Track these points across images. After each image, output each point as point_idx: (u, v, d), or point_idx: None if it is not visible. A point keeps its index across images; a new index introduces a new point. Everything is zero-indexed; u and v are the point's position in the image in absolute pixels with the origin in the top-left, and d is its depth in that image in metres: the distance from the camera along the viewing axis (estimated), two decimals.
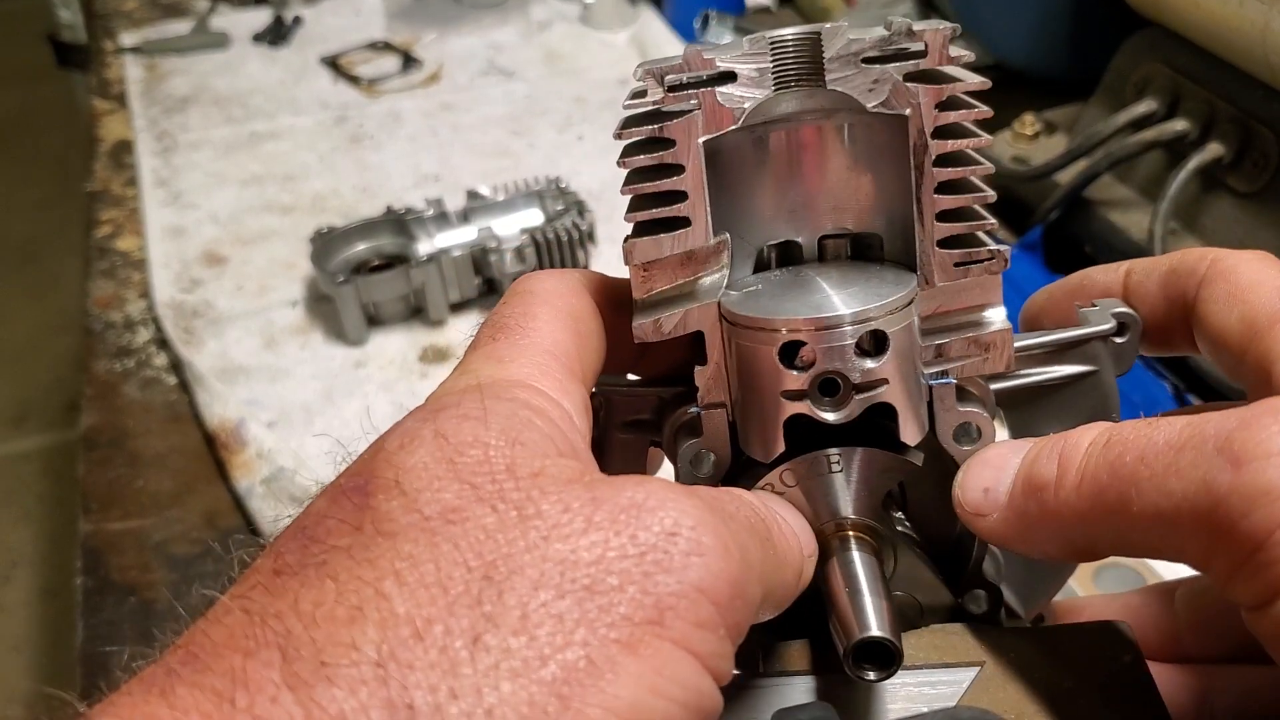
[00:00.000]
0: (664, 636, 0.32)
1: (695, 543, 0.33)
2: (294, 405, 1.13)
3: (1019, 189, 1.26)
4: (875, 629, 0.41)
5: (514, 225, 1.24)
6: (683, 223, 0.43)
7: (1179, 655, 0.52)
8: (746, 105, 0.43)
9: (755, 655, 0.47)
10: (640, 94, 0.42)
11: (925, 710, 0.43)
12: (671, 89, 0.42)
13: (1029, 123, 1.29)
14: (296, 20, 1.88)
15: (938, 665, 0.44)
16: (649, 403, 0.48)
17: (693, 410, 0.46)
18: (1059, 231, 1.20)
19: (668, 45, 1.69)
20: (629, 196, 0.44)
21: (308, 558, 0.33)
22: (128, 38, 1.85)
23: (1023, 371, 0.48)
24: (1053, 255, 1.19)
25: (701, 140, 0.42)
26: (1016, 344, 0.47)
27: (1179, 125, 1.10)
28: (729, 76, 0.42)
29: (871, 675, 0.41)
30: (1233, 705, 0.49)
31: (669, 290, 0.44)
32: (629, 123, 0.43)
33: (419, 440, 0.35)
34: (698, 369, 0.45)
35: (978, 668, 0.44)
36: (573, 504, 0.34)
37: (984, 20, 1.35)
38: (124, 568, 0.99)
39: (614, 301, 0.46)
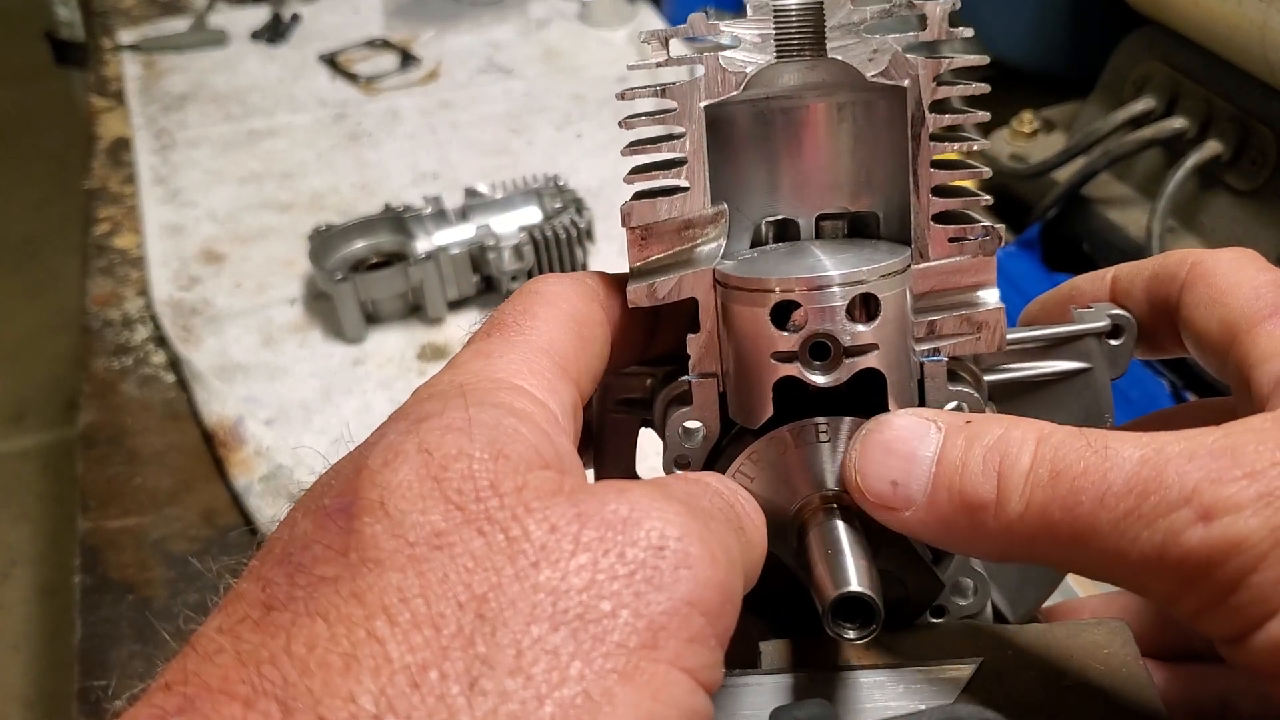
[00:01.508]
0: (659, 659, 0.32)
1: (683, 554, 0.33)
2: (292, 403, 1.13)
3: (1017, 187, 1.26)
4: (855, 584, 0.40)
5: (512, 223, 1.24)
6: (681, 188, 0.44)
7: (1187, 653, 0.51)
8: (749, 70, 0.43)
9: (756, 654, 0.47)
10: (645, 58, 0.43)
11: (924, 708, 0.43)
12: (674, 53, 0.43)
13: (1027, 120, 1.29)
14: (295, 18, 1.88)
15: (937, 662, 0.44)
16: (640, 382, 0.48)
17: (684, 380, 0.46)
18: (1057, 229, 1.20)
19: None
20: (631, 161, 0.45)
21: (295, 589, 0.33)
22: (126, 35, 1.85)
23: (1015, 365, 0.49)
24: (1051, 253, 1.19)
25: (703, 105, 0.43)
26: (1010, 336, 0.47)
27: (1177, 123, 1.10)
28: (733, 42, 0.43)
29: (851, 634, 0.41)
30: (1256, 707, 0.49)
31: (665, 257, 0.44)
32: (633, 86, 0.43)
33: (403, 456, 0.35)
34: (690, 337, 0.45)
35: (976, 665, 0.44)
36: (559, 523, 0.33)
37: (983, 18, 1.35)
38: (122, 565, 0.99)
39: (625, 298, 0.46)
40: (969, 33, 0.43)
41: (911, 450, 0.41)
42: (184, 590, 0.96)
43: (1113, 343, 0.49)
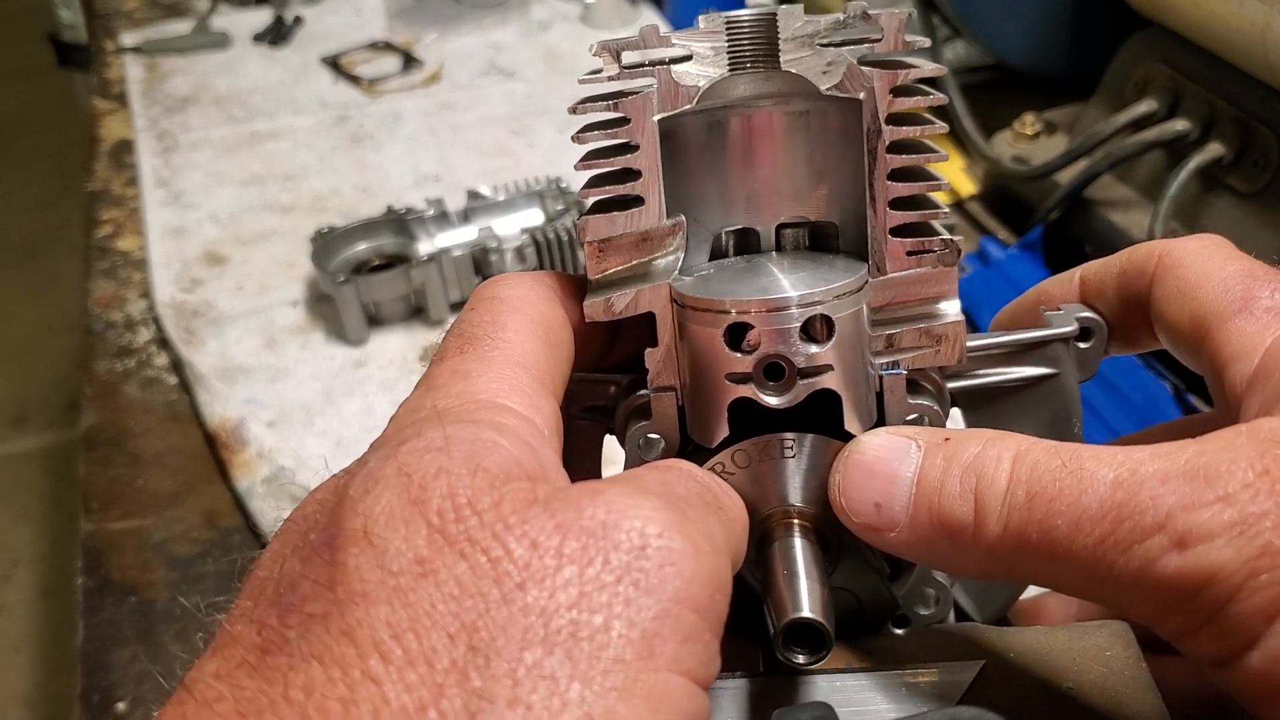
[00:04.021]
0: (656, 668, 0.32)
1: (665, 550, 0.33)
2: (294, 405, 1.13)
3: (1019, 189, 1.25)
4: (806, 610, 0.40)
5: (514, 225, 1.24)
6: (636, 201, 0.43)
7: None
8: (701, 84, 0.43)
9: (755, 655, 0.47)
10: (597, 71, 0.42)
11: (926, 710, 0.43)
12: (627, 66, 0.42)
13: (1029, 122, 1.28)
14: (297, 20, 1.88)
15: (938, 664, 0.44)
16: (605, 390, 0.48)
17: (643, 393, 0.45)
18: (1059, 231, 1.20)
19: None
20: (586, 174, 0.44)
21: (288, 630, 0.32)
22: (128, 37, 1.85)
23: (981, 371, 0.48)
24: (1053, 255, 1.19)
25: (656, 118, 0.43)
26: (976, 344, 0.47)
27: (1179, 125, 1.10)
28: (685, 55, 0.43)
29: (801, 659, 0.41)
30: None
31: (623, 271, 0.44)
32: (585, 99, 0.43)
33: (383, 482, 0.34)
34: (648, 351, 0.45)
35: (978, 668, 0.44)
36: (539, 538, 0.33)
37: (984, 20, 1.35)
38: (124, 567, 0.99)
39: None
40: (926, 43, 0.42)
41: (892, 471, 0.41)
42: (186, 593, 0.95)
43: (1082, 346, 0.48)
